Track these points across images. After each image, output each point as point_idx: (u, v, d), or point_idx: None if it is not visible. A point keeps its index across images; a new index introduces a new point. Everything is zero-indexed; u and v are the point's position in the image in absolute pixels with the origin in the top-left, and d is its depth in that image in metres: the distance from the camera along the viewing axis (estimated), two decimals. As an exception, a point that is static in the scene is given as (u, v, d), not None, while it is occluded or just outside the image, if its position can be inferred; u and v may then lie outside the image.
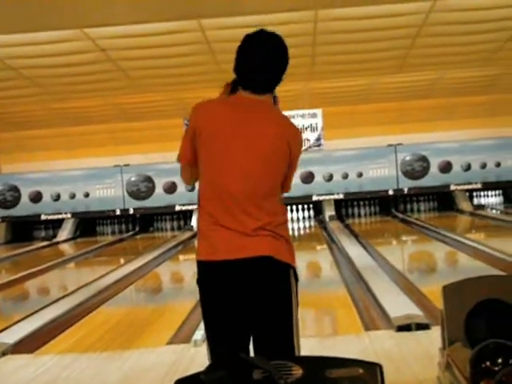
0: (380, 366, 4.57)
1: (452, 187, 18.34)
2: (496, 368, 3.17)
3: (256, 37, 3.10)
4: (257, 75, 3.09)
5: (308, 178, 18.26)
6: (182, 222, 18.78)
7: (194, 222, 17.31)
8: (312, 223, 18.11)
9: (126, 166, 18.75)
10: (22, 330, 6.73)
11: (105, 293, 9.07)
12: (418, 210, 18.97)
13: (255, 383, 4.44)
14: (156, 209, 18.77)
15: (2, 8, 9.07)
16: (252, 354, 3.08)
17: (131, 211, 18.77)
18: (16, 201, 18.97)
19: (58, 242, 17.79)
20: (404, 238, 15.08)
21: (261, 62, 3.06)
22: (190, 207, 17.93)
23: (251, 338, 3.16)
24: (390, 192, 18.39)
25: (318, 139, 18.50)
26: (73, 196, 18.84)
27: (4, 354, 5.82)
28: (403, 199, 18.93)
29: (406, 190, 18.40)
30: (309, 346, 5.49)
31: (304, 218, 18.75)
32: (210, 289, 3.13)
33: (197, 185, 3.27)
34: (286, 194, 3.28)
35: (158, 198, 18.61)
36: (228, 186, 3.06)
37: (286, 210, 3.30)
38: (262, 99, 3.12)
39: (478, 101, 18.22)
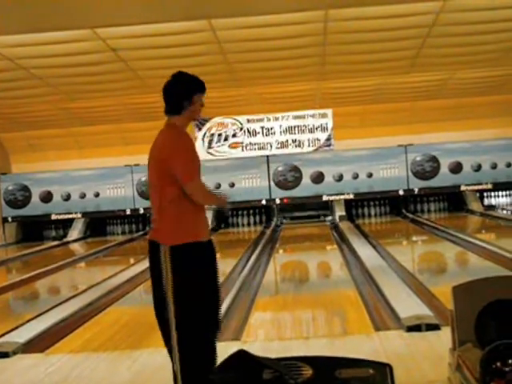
0: (390, 367, 4.57)
1: (462, 187, 18.31)
2: (506, 369, 3.17)
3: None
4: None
5: (318, 178, 18.26)
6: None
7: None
8: (322, 223, 18.08)
9: (136, 165, 18.77)
10: (32, 329, 6.75)
11: (115, 292, 9.09)
12: (428, 211, 18.93)
13: (265, 383, 4.44)
14: (166, 209, 18.76)
15: (13, 8, 9.09)
16: None
17: (141, 211, 18.80)
18: (27, 200, 19.03)
19: (68, 242, 17.84)
20: (414, 238, 15.05)
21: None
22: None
23: None
24: (401, 192, 18.37)
25: (329, 139, 18.48)
26: (83, 196, 18.89)
27: (15, 353, 5.84)
28: (413, 199, 18.91)
29: (416, 191, 18.38)
30: (319, 345, 5.49)
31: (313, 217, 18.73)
32: None
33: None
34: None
35: (168, 198, 18.59)
36: None
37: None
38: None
39: (489, 101, 18.16)
